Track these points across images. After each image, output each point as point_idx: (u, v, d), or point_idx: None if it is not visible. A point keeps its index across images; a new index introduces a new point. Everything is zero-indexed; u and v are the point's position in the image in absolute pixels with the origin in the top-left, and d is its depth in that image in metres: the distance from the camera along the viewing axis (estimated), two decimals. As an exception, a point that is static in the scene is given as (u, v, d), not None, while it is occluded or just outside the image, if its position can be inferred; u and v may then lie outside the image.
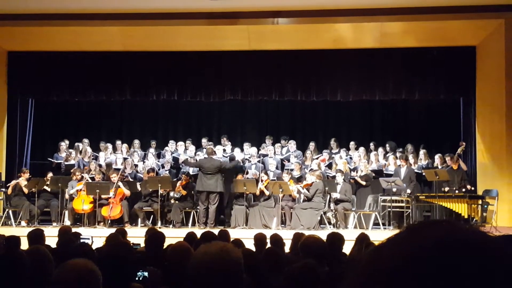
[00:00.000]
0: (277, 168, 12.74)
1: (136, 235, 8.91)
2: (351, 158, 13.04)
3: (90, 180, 12.09)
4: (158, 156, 13.70)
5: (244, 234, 9.09)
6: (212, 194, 11.74)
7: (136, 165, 13.10)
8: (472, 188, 11.70)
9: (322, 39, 12.50)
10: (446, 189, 11.42)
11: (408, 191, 11.63)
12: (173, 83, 13.36)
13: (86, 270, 2.47)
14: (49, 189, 12.17)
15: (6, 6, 11.79)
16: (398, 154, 12.59)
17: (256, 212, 11.68)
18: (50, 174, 12.35)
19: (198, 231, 6.56)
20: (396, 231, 0.79)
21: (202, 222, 11.65)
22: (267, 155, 13.04)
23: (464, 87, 12.67)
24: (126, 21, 12.16)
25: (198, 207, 11.96)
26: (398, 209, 11.94)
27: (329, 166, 12.80)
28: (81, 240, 6.48)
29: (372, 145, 13.24)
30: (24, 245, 5.83)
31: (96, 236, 8.87)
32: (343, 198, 11.65)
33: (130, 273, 3.55)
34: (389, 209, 11.73)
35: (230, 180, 12.07)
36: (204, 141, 13.80)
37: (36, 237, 6.07)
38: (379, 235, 9.73)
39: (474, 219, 10.83)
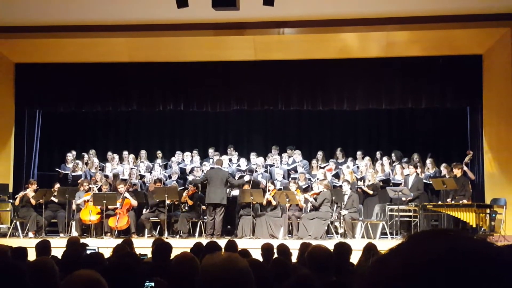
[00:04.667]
0: (283, 177, 12.73)
1: (143, 245, 8.90)
2: (358, 167, 13.01)
3: (97, 191, 12.11)
4: (165, 166, 13.72)
5: (251, 244, 9.07)
6: (218, 206, 11.73)
7: (143, 176, 13.12)
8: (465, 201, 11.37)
9: (328, 48, 12.52)
10: (448, 200, 11.36)
11: (409, 198, 11.59)
12: (179, 94, 13.39)
13: (92, 281, 2.47)
14: (56, 200, 12.19)
15: (13, 18, 11.89)
16: (404, 164, 12.56)
17: (263, 222, 11.65)
18: (57, 185, 12.38)
19: (205, 242, 6.55)
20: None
21: (209, 233, 11.63)
22: (273, 165, 13.03)
23: (471, 95, 12.64)
24: (132, 32, 12.23)
25: (205, 218, 11.96)
26: (405, 219, 11.89)
27: (336, 176, 12.77)
28: (87, 251, 6.48)
29: (378, 154, 13.22)
30: (32, 256, 5.85)
31: (103, 247, 8.86)
32: (352, 211, 11.61)
33: (137, 283, 3.55)
34: (396, 219, 11.68)
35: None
36: (210, 151, 13.82)
37: (42, 249, 6.08)
38: (386, 245, 9.68)
39: (482, 228, 10.76)
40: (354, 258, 5.66)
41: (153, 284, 3.99)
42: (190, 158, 13.50)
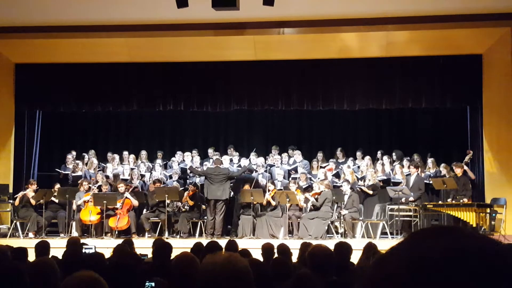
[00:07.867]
0: (284, 177, 12.72)
1: (144, 245, 8.90)
2: (358, 167, 13.00)
3: (97, 191, 12.10)
4: (165, 166, 13.71)
5: (251, 244, 9.06)
6: (218, 203, 11.73)
7: (143, 176, 13.11)
8: (466, 201, 11.39)
9: (328, 48, 12.51)
10: (449, 199, 11.37)
11: (411, 199, 11.58)
12: (180, 94, 13.38)
13: (93, 282, 2.46)
14: (56, 200, 12.19)
15: (13, 19, 11.89)
16: (405, 163, 12.56)
17: (263, 222, 11.66)
18: (57, 186, 12.37)
19: (206, 242, 6.54)
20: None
21: (209, 233, 11.63)
22: (274, 165, 13.03)
23: (471, 95, 12.63)
24: (132, 32, 12.23)
25: (205, 217, 11.96)
26: (405, 218, 11.89)
27: (337, 175, 12.77)
28: (85, 250, 6.48)
29: (379, 154, 13.22)
30: (32, 257, 5.85)
31: (103, 247, 8.85)
32: (352, 211, 11.60)
33: (138, 283, 3.55)
34: (396, 218, 11.68)
35: (238, 189, 12.07)
36: (210, 151, 13.81)
37: (42, 249, 6.08)
38: (387, 244, 9.68)
39: (483, 228, 10.76)
40: (355, 258, 5.66)
41: (153, 284, 3.98)
42: (191, 158, 13.49)
